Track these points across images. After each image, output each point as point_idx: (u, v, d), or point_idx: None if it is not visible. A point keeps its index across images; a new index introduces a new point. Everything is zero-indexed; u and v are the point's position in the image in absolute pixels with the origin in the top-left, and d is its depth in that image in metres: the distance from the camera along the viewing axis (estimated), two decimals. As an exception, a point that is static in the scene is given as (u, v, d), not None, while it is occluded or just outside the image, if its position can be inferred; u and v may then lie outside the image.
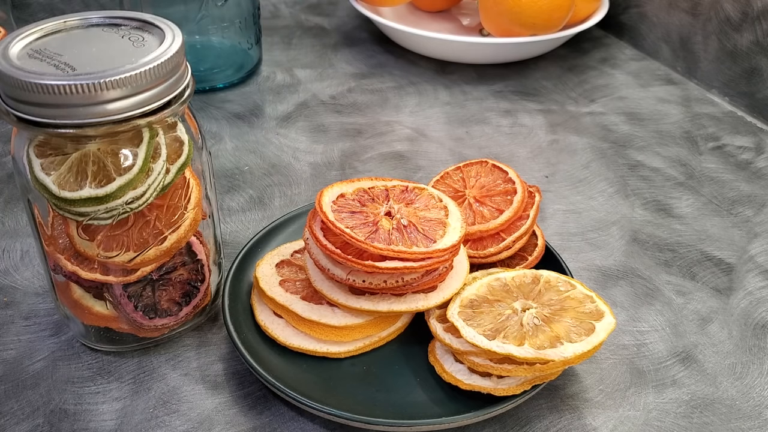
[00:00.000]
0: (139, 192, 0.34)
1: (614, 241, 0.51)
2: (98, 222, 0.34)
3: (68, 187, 0.33)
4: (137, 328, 0.39)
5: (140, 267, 0.37)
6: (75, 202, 0.33)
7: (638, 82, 0.74)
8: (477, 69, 0.75)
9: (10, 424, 0.36)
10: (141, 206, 0.34)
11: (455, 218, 0.40)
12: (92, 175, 0.33)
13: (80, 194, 0.33)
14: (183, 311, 0.40)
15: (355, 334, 0.39)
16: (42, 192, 0.33)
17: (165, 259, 0.38)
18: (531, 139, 0.63)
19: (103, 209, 0.34)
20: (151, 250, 0.36)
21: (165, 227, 0.36)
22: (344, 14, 0.89)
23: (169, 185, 0.35)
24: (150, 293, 0.38)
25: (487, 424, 0.37)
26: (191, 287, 0.40)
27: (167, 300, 0.39)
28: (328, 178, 0.57)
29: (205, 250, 0.40)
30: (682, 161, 0.60)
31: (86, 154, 0.33)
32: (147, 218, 0.36)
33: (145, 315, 0.39)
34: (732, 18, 0.67)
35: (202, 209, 0.39)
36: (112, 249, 0.35)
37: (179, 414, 0.37)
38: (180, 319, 0.40)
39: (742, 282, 0.47)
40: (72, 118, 0.31)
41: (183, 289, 0.40)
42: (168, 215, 0.36)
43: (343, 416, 0.35)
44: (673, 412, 0.38)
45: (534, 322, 0.36)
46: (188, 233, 0.37)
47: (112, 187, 0.33)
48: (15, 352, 0.41)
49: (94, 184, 0.33)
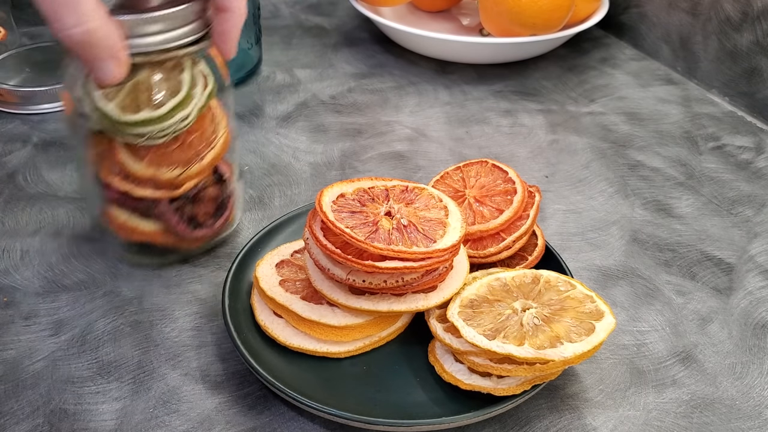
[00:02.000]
0: (186, 113, 0.40)
1: (614, 241, 0.51)
2: (153, 142, 0.40)
3: (128, 111, 0.39)
4: (180, 240, 0.46)
5: (184, 183, 0.43)
6: (135, 124, 0.39)
7: (638, 82, 0.74)
8: (477, 69, 0.75)
9: (10, 424, 0.36)
10: (186, 126, 0.41)
11: (455, 218, 0.40)
12: (146, 100, 0.39)
13: (139, 116, 0.39)
14: (217, 223, 0.47)
15: (355, 334, 0.39)
16: (102, 119, 0.39)
17: (204, 175, 0.44)
18: (531, 139, 0.63)
19: (158, 129, 0.39)
20: (194, 166, 0.43)
21: (203, 147, 0.43)
22: (344, 14, 0.89)
23: (203, 108, 0.41)
24: (190, 208, 0.45)
25: (487, 424, 0.37)
26: (221, 203, 0.47)
27: (203, 214, 0.46)
28: (328, 178, 0.57)
29: (229, 170, 0.47)
30: (682, 161, 0.60)
31: (139, 81, 0.39)
32: (189, 139, 0.42)
33: (188, 227, 0.45)
34: (732, 18, 0.67)
35: (229, 132, 0.45)
36: (162, 167, 0.42)
37: (179, 414, 0.37)
38: (215, 231, 0.47)
39: (742, 282, 0.47)
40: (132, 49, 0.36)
41: (215, 203, 0.46)
42: (204, 136, 0.43)
43: (343, 416, 0.35)
44: (673, 412, 0.38)
45: (534, 322, 0.36)
46: (223, 150, 0.44)
47: (166, 108, 0.39)
48: (15, 352, 0.41)
49: (149, 107, 0.39)
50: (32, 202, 0.53)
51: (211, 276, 0.46)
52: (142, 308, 0.44)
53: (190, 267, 0.47)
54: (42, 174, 0.56)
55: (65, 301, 0.44)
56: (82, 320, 0.43)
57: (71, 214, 0.52)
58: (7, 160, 0.57)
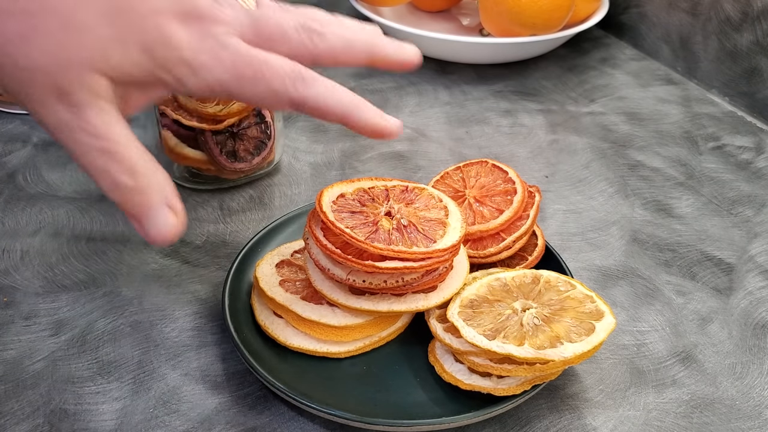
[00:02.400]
0: None
1: (614, 241, 0.51)
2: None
3: None
4: (221, 170, 0.53)
5: (226, 118, 0.50)
6: None
7: (638, 82, 0.74)
8: (477, 69, 0.75)
9: (10, 424, 0.36)
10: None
11: (455, 218, 0.40)
12: None
13: None
14: (255, 160, 0.53)
15: (355, 334, 0.39)
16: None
17: (244, 114, 0.51)
18: (531, 139, 0.63)
19: None
20: (235, 104, 0.49)
21: None
22: (344, 14, 0.88)
23: None
24: (231, 143, 0.51)
25: (487, 424, 0.37)
26: (261, 142, 0.53)
27: (243, 150, 0.52)
28: (328, 178, 0.57)
29: (271, 114, 0.54)
30: (682, 161, 0.60)
31: None
32: None
33: (228, 159, 0.52)
34: (732, 18, 0.67)
35: None
36: (206, 102, 0.49)
37: (179, 414, 0.37)
38: (252, 166, 0.54)
39: (742, 282, 0.47)
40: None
41: (255, 142, 0.53)
42: None
43: (343, 416, 0.35)
44: (673, 412, 0.38)
45: (534, 322, 0.36)
46: None
47: None
48: (15, 352, 0.41)
49: None
50: (32, 202, 0.53)
51: (211, 276, 0.46)
52: (142, 308, 0.44)
53: (190, 267, 0.47)
54: (42, 174, 0.56)
55: (65, 301, 0.44)
56: (82, 320, 0.43)
57: (71, 214, 0.52)
58: (7, 160, 0.57)
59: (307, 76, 0.32)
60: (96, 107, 0.28)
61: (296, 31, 0.33)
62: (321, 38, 0.33)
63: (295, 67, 0.31)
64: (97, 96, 0.28)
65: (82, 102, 0.28)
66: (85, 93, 0.28)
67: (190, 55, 0.30)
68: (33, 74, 0.27)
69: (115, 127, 0.29)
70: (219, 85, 0.31)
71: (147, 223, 0.29)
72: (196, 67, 0.30)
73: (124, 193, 0.29)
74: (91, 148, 0.28)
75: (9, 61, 0.27)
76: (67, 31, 0.27)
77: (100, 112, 0.28)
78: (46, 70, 0.27)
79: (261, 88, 0.31)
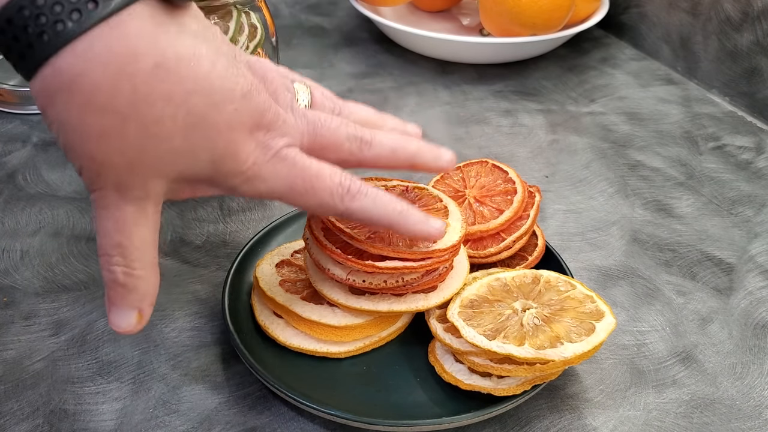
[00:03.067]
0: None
1: (614, 241, 0.51)
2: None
3: None
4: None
5: None
6: None
7: (638, 82, 0.73)
8: (477, 69, 0.75)
9: (10, 424, 0.36)
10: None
11: (455, 218, 0.40)
12: None
13: None
14: None
15: (355, 334, 0.39)
16: None
17: None
18: (531, 139, 0.63)
19: None
20: None
21: None
22: (344, 14, 0.89)
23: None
24: None
25: (487, 424, 0.37)
26: None
27: None
28: (328, 178, 0.57)
29: None
30: (682, 161, 0.60)
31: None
32: None
33: None
34: (732, 18, 0.67)
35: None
36: None
37: (179, 414, 0.37)
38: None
39: (742, 282, 0.47)
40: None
41: None
42: None
43: (343, 416, 0.35)
44: (673, 412, 0.38)
45: (534, 322, 0.36)
46: None
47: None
48: (15, 352, 0.41)
49: None
50: (32, 202, 0.53)
51: (211, 276, 0.46)
52: (142, 308, 0.44)
53: (190, 267, 0.47)
54: (42, 174, 0.56)
55: (65, 301, 0.44)
56: (82, 320, 0.43)
57: (71, 214, 0.52)
58: (7, 160, 0.57)
59: (353, 189, 0.33)
60: (139, 207, 0.30)
61: (348, 141, 0.35)
62: (369, 147, 0.35)
63: (344, 181, 0.33)
64: (147, 197, 0.30)
65: (133, 199, 0.29)
66: (140, 193, 0.29)
67: (252, 168, 0.31)
68: (101, 167, 0.28)
69: (141, 229, 0.30)
70: (270, 193, 0.32)
71: (113, 312, 0.31)
72: (253, 178, 0.31)
73: (114, 281, 0.30)
74: (111, 234, 0.30)
75: (83, 150, 0.28)
76: (147, 138, 0.28)
77: (138, 213, 0.30)
78: (116, 168, 0.28)
79: (311, 200, 0.32)
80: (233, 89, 0.29)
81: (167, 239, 0.49)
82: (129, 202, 0.29)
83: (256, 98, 0.30)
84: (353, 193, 0.33)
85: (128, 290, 0.31)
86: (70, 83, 0.26)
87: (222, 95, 0.29)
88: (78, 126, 0.27)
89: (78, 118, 0.27)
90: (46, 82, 0.27)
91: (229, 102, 0.29)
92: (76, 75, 0.26)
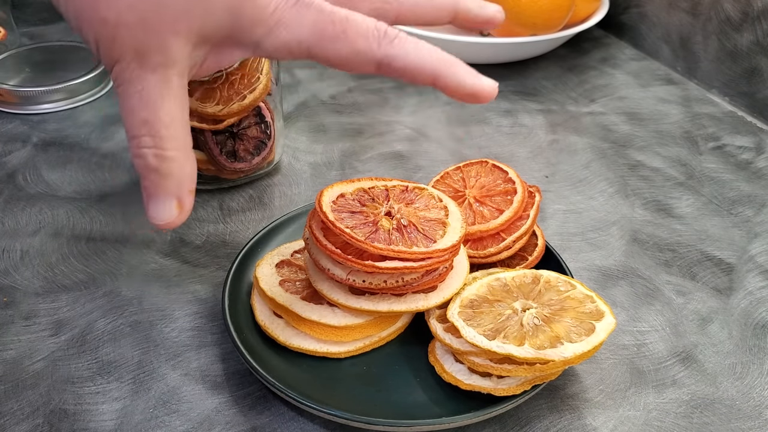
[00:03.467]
0: None
1: (614, 241, 0.51)
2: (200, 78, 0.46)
3: None
4: (220, 170, 0.52)
5: (226, 118, 0.49)
6: None
7: (638, 82, 0.73)
8: (477, 69, 0.75)
9: (10, 424, 0.36)
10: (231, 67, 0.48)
11: (455, 218, 0.40)
12: None
13: None
14: (255, 160, 0.53)
15: (355, 334, 0.39)
16: None
17: (244, 114, 0.51)
18: (531, 139, 0.63)
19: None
20: (235, 104, 0.49)
21: (245, 88, 0.49)
22: (344, 14, 0.88)
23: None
24: (231, 143, 0.51)
25: (487, 424, 0.37)
26: (261, 142, 0.53)
27: (243, 150, 0.52)
28: (328, 178, 0.57)
29: (271, 115, 0.53)
30: (682, 161, 0.60)
31: None
32: (231, 79, 0.49)
33: (227, 159, 0.52)
34: (732, 18, 0.67)
35: (271, 80, 0.51)
36: (207, 101, 0.48)
37: (179, 414, 0.37)
38: (252, 166, 0.54)
39: (742, 282, 0.47)
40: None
41: (255, 142, 0.53)
42: (247, 79, 0.49)
43: (343, 416, 0.35)
44: (673, 412, 0.38)
45: (534, 322, 0.36)
46: (262, 94, 0.50)
47: None
48: (15, 352, 0.41)
49: None
50: (32, 202, 0.53)
51: (211, 276, 0.46)
52: (142, 308, 0.44)
53: (190, 267, 0.47)
54: (42, 174, 0.56)
55: (65, 301, 0.44)
56: (82, 320, 0.43)
57: (71, 214, 0.51)
58: (7, 160, 0.57)
59: (392, 33, 0.30)
60: (162, 76, 0.28)
61: None
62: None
63: (379, 24, 0.30)
64: (170, 64, 0.28)
65: (154, 66, 0.27)
66: (160, 57, 0.27)
67: (274, 14, 0.29)
68: (116, 30, 0.27)
69: (167, 102, 0.28)
70: (298, 44, 0.29)
71: (151, 204, 0.29)
72: (276, 26, 0.29)
73: (145, 167, 0.29)
74: (136, 112, 0.28)
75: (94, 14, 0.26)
76: None
77: (162, 83, 0.28)
78: (131, 28, 0.27)
79: (343, 48, 0.30)
80: None
81: (167, 239, 0.49)
82: (151, 71, 0.27)
83: None
84: (391, 36, 0.30)
85: (162, 175, 0.29)
86: None
87: None
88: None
89: None
90: None
91: None
92: None
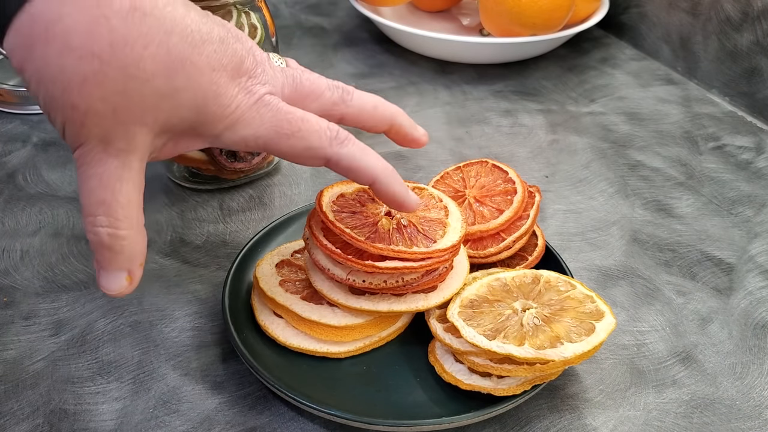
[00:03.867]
0: None
1: (614, 241, 0.51)
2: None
3: None
4: (221, 170, 0.53)
5: None
6: None
7: (638, 82, 0.74)
8: (477, 69, 0.75)
9: (10, 424, 0.36)
10: None
11: (455, 218, 0.40)
12: None
13: None
14: (255, 160, 0.54)
15: (355, 334, 0.39)
16: None
17: None
18: (531, 139, 0.63)
19: None
20: None
21: None
22: (344, 14, 0.89)
23: None
24: None
25: (487, 424, 0.37)
26: None
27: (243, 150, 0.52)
28: (328, 178, 0.57)
29: None
30: (682, 161, 0.60)
31: None
32: None
33: (228, 159, 0.52)
34: (732, 18, 0.67)
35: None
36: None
37: (179, 414, 0.37)
38: (252, 166, 0.54)
39: (742, 282, 0.47)
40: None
41: None
42: None
43: (343, 416, 0.35)
44: (673, 412, 0.38)
45: (534, 322, 0.36)
46: None
47: None
48: (15, 352, 0.41)
49: None
50: (32, 202, 0.53)
51: (211, 276, 0.46)
52: (142, 308, 0.44)
53: (190, 267, 0.47)
54: (42, 174, 0.56)
55: (65, 301, 0.44)
56: (82, 320, 0.43)
57: (71, 214, 0.52)
58: (7, 160, 0.57)
59: (343, 135, 0.33)
60: (123, 161, 0.29)
61: (329, 90, 0.35)
62: (351, 98, 0.35)
63: (331, 125, 0.33)
64: (132, 150, 0.29)
65: (117, 152, 0.29)
66: (124, 144, 0.29)
67: (235, 112, 0.31)
68: (85, 117, 0.28)
69: (126, 185, 0.29)
70: (255, 139, 0.32)
71: (102, 276, 0.31)
72: (236, 123, 0.31)
73: (99, 243, 0.30)
74: (95, 192, 0.29)
75: (66, 100, 0.27)
76: (128, 80, 0.27)
77: (123, 167, 0.29)
78: (100, 117, 0.28)
79: (297, 144, 0.32)
80: (210, 33, 0.29)
81: (167, 239, 0.49)
82: (113, 156, 0.29)
83: (233, 44, 0.31)
84: (342, 138, 0.33)
85: (115, 252, 0.30)
86: (46, 31, 0.26)
87: (200, 36, 0.29)
88: (58, 75, 0.27)
89: (57, 66, 0.26)
90: (21, 33, 0.26)
91: (208, 43, 0.29)
92: (51, 21, 0.26)
